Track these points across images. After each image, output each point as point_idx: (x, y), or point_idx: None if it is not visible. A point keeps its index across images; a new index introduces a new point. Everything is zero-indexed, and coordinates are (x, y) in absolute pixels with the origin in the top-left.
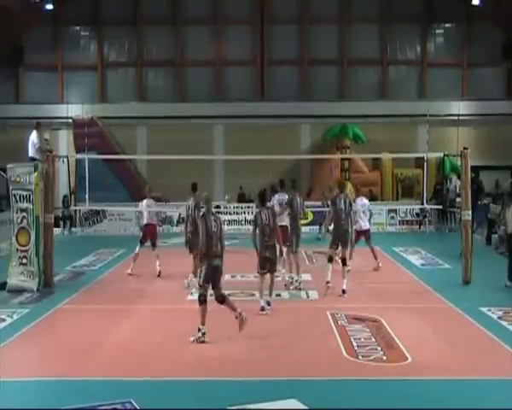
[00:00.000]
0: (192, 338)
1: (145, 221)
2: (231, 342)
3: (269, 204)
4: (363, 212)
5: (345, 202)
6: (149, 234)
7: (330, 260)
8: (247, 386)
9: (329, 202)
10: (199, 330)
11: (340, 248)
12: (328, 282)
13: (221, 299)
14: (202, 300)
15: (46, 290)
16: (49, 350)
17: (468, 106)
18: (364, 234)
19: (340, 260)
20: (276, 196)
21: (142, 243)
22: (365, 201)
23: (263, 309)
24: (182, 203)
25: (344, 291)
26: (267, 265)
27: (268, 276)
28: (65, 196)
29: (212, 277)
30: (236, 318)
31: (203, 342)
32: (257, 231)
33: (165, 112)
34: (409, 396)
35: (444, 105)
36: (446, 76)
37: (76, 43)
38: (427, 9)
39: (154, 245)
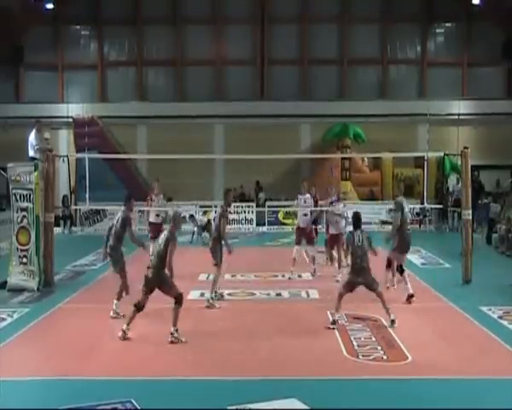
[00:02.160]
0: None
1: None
2: (231, 341)
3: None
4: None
5: (408, 206)
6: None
7: (402, 269)
8: (247, 386)
9: (395, 207)
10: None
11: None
12: (411, 295)
13: None
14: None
15: (46, 290)
16: (49, 350)
17: (469, 105)
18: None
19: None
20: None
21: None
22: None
23: (334, 323)
24: (182, 203)
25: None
26: (359, 285)
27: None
28: (64, 196)
29: None
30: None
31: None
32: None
33: (166, 111)
34: (409, 396)
35: (444, 104)
36: (446, 75)
37: (76, 42)
38: (427, 9)
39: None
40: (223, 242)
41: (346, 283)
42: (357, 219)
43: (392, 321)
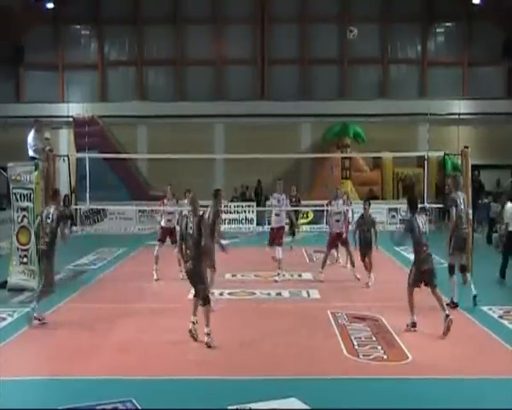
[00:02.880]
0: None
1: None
2: (232, 341)
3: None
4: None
5: (464, 202)
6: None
7: (453, 270)
8: (247, 385)
9: (448, 202)
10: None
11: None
12: (454, 304)
13: None
14: None
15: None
16: (49, 349)
17: (469, 105)
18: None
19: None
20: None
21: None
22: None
23: (414, 326)
24: (182, 203)
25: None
26: (423, 278)
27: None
28: (65, 196)
29: None
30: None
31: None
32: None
33: (166, 111)
34: (409, 395)
35: (444, 104)
36: (447, 75)
37: (76, 42)
38: (427, 8)
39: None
40: (216, 242)
41: (412, 278)
42: (414, 203)
43: (414, 324)
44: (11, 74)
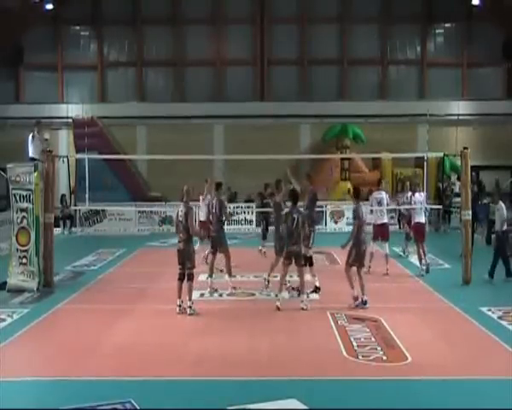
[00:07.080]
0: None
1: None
2: (231, 341)
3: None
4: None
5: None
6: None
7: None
8: (246, 386)
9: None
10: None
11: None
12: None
13: None
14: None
15: (46, 290)
16: (49, 350)
17: (468, 106)
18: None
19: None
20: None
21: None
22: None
23: (356, 299)
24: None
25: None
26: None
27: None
28: (63, 195)
29: None
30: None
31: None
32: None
33: (165, 112)
34: (409, 396)
35: (444, 105)
36: (446, 76)
37: (76, 42)
38: (427, 9)
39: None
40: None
41: (353, 258)
42: (357, 193)
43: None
44: (11, 75)
